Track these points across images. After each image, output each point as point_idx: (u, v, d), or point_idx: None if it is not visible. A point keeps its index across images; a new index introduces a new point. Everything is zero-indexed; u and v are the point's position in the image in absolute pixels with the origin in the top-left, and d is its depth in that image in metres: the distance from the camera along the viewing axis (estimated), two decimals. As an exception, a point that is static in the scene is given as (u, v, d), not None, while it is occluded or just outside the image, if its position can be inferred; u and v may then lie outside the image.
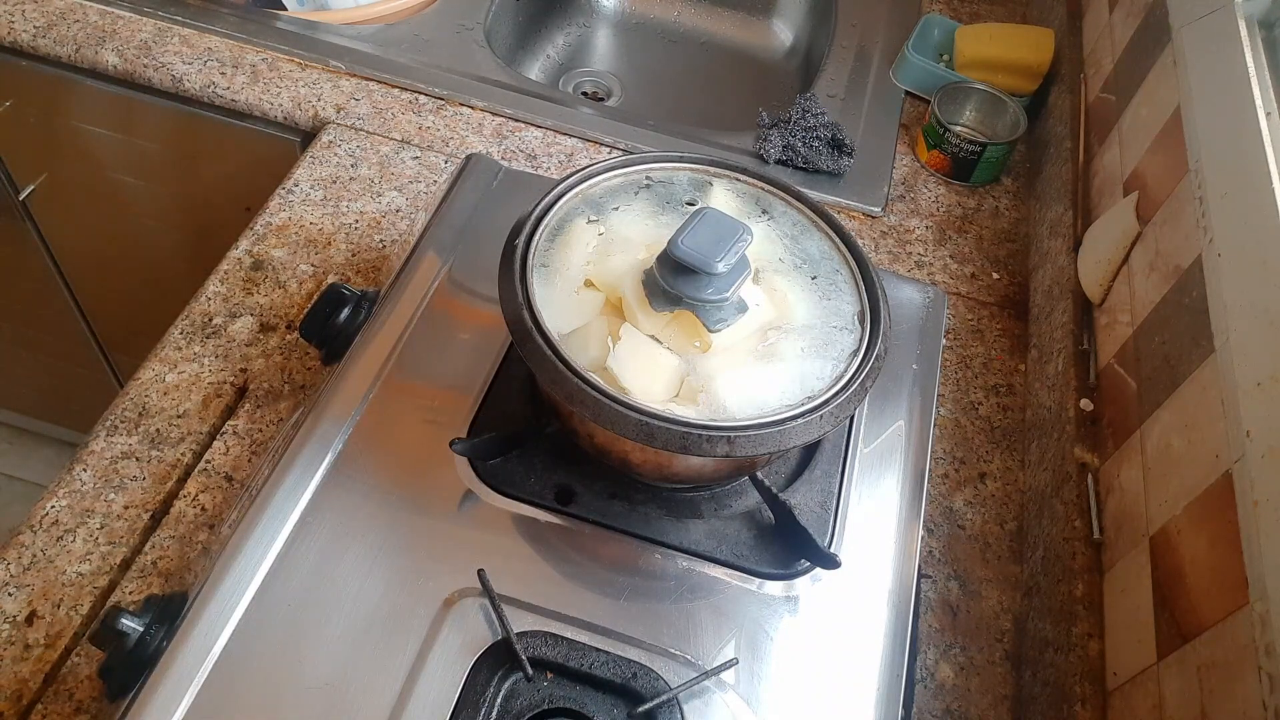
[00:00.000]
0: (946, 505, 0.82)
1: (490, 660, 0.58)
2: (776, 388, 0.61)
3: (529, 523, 0.66)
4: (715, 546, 0.66)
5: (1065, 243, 0.91)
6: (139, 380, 0.81)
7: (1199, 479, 0.60)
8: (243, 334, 0.85)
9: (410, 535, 0.64)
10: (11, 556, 0.70)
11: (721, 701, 0.59)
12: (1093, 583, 0.69)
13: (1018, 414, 0.89)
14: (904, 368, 0.78)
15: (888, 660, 0.63)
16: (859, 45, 1.22)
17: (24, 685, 0.65)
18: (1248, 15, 0.74)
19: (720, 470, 0.66)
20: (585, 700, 0.58)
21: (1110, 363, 0.79)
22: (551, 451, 0.68)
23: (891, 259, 1.00)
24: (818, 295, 0.66)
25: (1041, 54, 1.11)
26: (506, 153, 1.03)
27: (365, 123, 1.04)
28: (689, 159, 0.72)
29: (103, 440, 0.77)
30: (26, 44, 1.07)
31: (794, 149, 1.04)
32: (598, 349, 0.61)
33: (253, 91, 1.05)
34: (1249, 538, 0.53)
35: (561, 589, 0.63)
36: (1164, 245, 0.75)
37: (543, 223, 0.66)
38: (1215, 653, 0.54)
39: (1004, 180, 1.10)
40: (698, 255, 0.59)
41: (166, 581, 0.70)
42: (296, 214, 0.95)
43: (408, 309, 0.76)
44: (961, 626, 0.75)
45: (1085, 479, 0.75)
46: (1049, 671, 0.69)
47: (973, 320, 0.96)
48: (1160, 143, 0.81)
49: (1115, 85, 0.95)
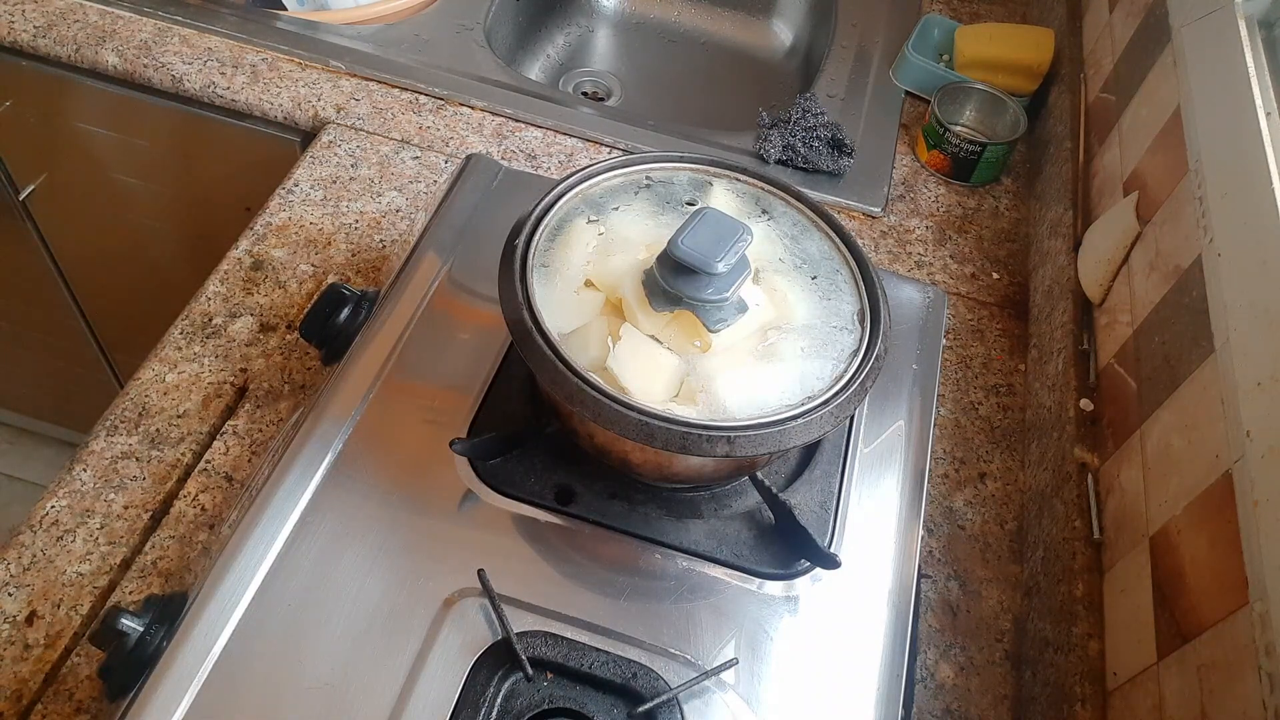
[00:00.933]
0: (946, 505, 0.82)
1: (490, 660, 0.58)
2: (776, 388, 0.61)
3: (529, 523, 0.66)
4: (715, 546, 0.66)
5: (1065, 243, 0.91)
6: (139, 380, 0.81)
7: (1199, 479, 0.60)
8: (243, 334, 0.85)
9: (410, 535, 0.64)
10: (11, 556, 0.70)
11: (721, 701, 0.59)
12: (1093, 583, 0.69)
13: (1018, 414, 0.89)
14: (904, 368, 0.78)
15: (888, 660, 0.63)
16: (859, 45, 1.22)
17: (24, 685, 0.65)
18: (1248, 15, 0.74)
19: (720, 470, 0.66)
20: (585, 700, 0.58)
21: (1110, 363, 0.79)
22: (551, 451, 0.68)
23: (891, 259, 1.00)
24: (818, 295, 0.66)
25: (1041, 54, 1.11)
26: (506, 153, 1.04)
27: (365, 123, 1.04)
28: (689, 159, 0.72)
29: (103, 440, 0.77)
30: (26, 44, 1.07)
31: (794, 149, 1.04)
32: (598, 349, 0.61)
33: (253, 91, 1.05)
34: (1249, 538, 0.53)
35: (561, 589, 0.63)
36: (1164, 245, 0.75)
37: (543, 223, 0.66)
38: (1215, 653, 0.54)
39: (1004, 180, 1.10)
40: (698, 255, 0.59)
41: (166, 581, 0.70)
42: (296, 214, 0.95)
43: (408, 309, 0.76)
44: (961, 626, 0.75)
45: (1085, 479, 0.75)
46: (1049, 671, 0.69)
47: (973, 320, 0.96)
48: (1160, 143, 0.81)
49: (1115, 85, 0.95)
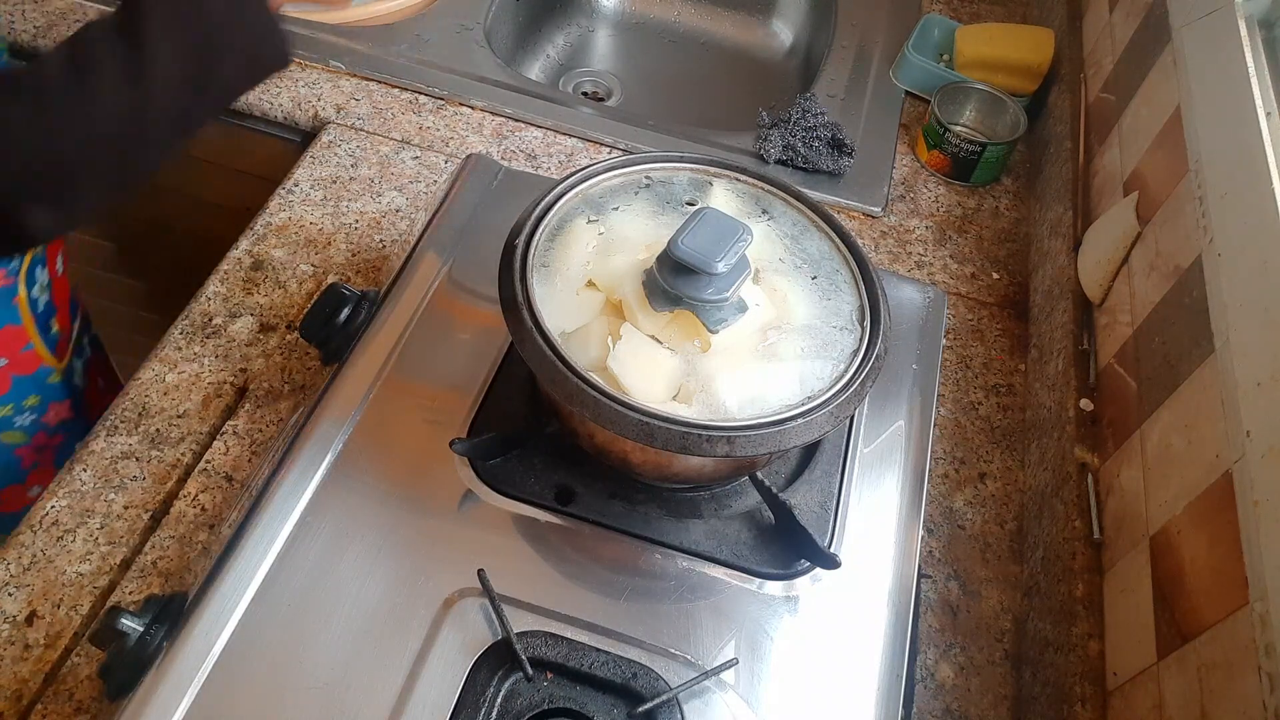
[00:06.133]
0: (946, 505, 0.82)
1: (490, 660, 0.58)
2: (776, 388, 0.61)
3: (529, 523, 0.66)
4: (715, 546, 0.66)
5: (1065, 243, 0.91)
6: (139, 380, 0.81)
7: (1199, 479, 0.60)
8: (243, 334, 0.85)
9: (410, 535, 0.64)
10: (11, 556, 0.70)
11: (721, 701, 0.59)
12: (1093, 583, 0.69)
13: (1018, 414, 0.89)
14: (904, 368, 0.78)
15: (888, 660, 0.63)
16: (859, 45, 1.21)
17: (24, 685, 0.65)
18: (1248, 15, 0.74)
19: (720, 470, 0.66)
20: (585, 700, 0.58)
21: (1110, 363, 0.79)
22: (551, 451, 0.68)
23: (891, 259, 1.00)
24: (818, 295, 0.66)
25: (1041, 54, 1.11)
26: (506, 153, 1.03)
27: (365, 123, 1.04)
28: (689, 159, 0.72)
29: (103, 440, 0.77)
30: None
31: (794, 149, 1.04)
32: (598, 349, 0.61)
33: (253, 91, 1.05)
34: (1249, 538, 0.53)
35: (561, 589, 0.63)
36: (1164, 245, 0.75)
37: (543, 223, 0.66)
38: (1215, 653, 0.54)
39: (1004, 180, 1.10)
40: (698, 255, 0.59)
41: (166, 581, 0.70)
42: (296, 214, 0.95)
43: (408, 309, 0.76)
44: (961, 626, 0.75)
45: (1085, 479, 0.75)
46: (1049, 671, 0.69)
47: (973, 320, 0.96)
48: (1160, 143, 0.81)
49: (1115, 85, 0.95)
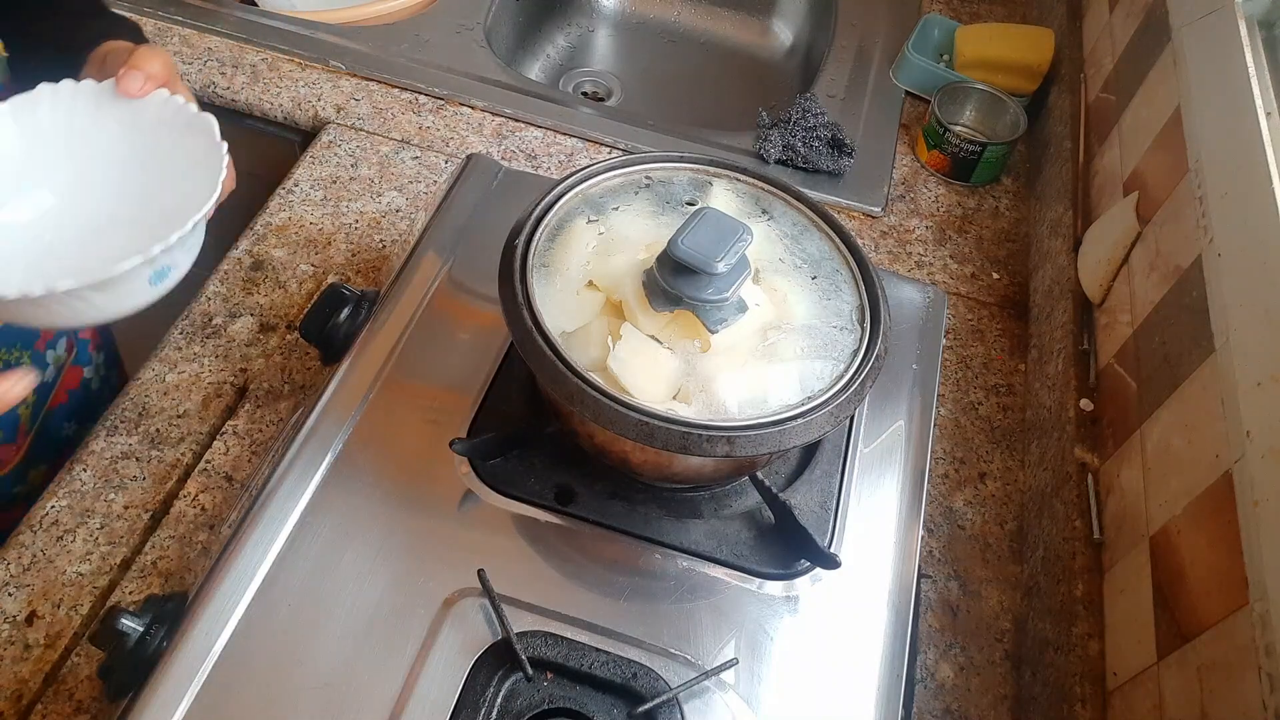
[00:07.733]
0: (946, 505, 0.82)
1: (490, 660, 0.58)
2: (776, 388, 0.61)
3: (529, 523, 0.66)
4: (715, 546, 0.66)
5: (1065, 243, 0.91)
6: (139, 380, 0.81)
7: (1199, 479, 0.60)
8: (243, 334, 0.85)
9: (410, 535, 0.64)
10: (11, 556, 0.70)
11: (721, 701, 0.59)
12: (1093, 583, 0.69)
13: (1018, 414, 0.89)
14: (904, 368, 0.78)
15: (888, 660, 0.63)
16: (859, 45, 1.22)
17: (24, 685, 0.65)
18: (1248, 15, 0.74)
19: (720, 470, 0.66)
20: (585, 700, 0.58)
21: (1110, 363, 0.79)
22: (551, 451, 0.68)
23: (891, 259, 1.00)
24: (818, 295, 0.66)
25: (1041, 54, 1.11)
26: (506, 153, 1.03)
27: (365, 123, 1.04)
28: (689, 159, 0.72)
29: (103, 440, 0.77)
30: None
31: (794, 149, 1.04)
32: (598, 349, 0.61)
33: (253, 91, 1.05)
34: (1249, 538, 0.53)
35: (561, 589, 0.63)
36: (1164, 245, 0.75)
37: (543, 223, 0.66)
38: (1215, 653, 0.54)
39: (1004, 180, 1.10)
40: (698, 255, 0.59)
41: (166, 581, 0.70)
42: (296, 214, 0.95)
43: (408, 309, 0.76)
44: (961, 626, 0.75)
45: (1085, 479, 0.75)
46: (1049, 671, 0.69)
47: (973, 320, 0.96)
48: (1160, 143, 0.81)
49: (1115, 85, 0.95)
